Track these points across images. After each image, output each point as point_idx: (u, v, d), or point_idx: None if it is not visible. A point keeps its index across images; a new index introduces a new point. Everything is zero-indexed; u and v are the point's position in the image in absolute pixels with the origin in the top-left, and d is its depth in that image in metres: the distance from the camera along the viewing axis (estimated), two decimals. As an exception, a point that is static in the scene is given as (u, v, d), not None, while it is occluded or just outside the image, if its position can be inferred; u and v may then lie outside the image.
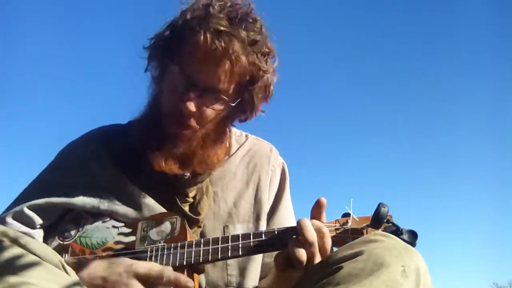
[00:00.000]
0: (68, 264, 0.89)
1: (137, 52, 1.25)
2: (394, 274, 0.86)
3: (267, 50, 1.17)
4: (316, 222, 1.02)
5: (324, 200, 1.06)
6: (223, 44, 1.08)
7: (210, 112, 1.14)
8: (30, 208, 1.13)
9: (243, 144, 1.33)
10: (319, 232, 0.99)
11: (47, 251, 0.85)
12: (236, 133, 1.35)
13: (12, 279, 0.76)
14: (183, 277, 0.99)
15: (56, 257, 0.85)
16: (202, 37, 1.08)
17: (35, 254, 0.82)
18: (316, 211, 1.07)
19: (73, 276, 0.87)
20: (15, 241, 0.82)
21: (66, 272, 0.86)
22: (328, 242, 1.00)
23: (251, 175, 1.28)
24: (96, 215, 1.15)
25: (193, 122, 1.13)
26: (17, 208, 1.14)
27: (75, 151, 1.26)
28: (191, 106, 1.09)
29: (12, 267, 0.77)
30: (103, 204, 1.14)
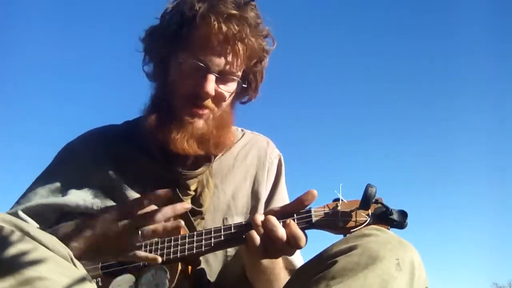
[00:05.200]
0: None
1: (135, 51, 1.26)
2: (389, 268, 0.87)
3: (266, 32, 1.22)
4: (291, 224, 0.99)
5: (315, 193, 1.03)
6: (236, 28, 1.12)
7: (224, 93, 1.18)
8: (24, 211, 1.14)
9: (240, 138, 1.35)
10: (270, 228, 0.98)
11: (57, 243, 0.86)
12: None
13: (27, 273, 0.77)
14: (179, 204, 1.02)
15: (65, 250, 0.86)
16: (215, 22, 1.10)
17: (46, 247, 0.83)
18: (303, 200, 1.03)
19: (81, 269, 0.88)
20: (26, 233, 0.82)
21: (75, 265, 0.87)
22: (282, 232, 0.97)
23: (249, 168, 1.30)
24: (91, 216, 1.14)
25: (210, 103, 1.16)
26: (11, 211, 1.14)
27: (73, 153, 1.26)
28: (211, 90, 1.13)
29: (26, 260, 0.78)
30: (97, 206, 1.15)
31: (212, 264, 1.17)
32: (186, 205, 1.04)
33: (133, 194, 1.16)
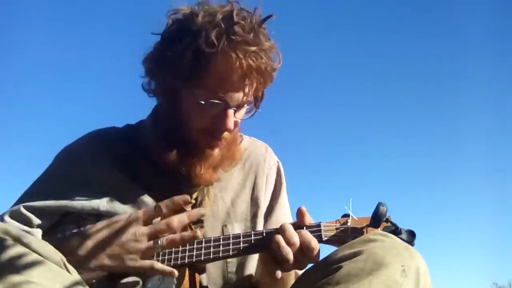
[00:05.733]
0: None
1: (134, 54, 1.24)
2: (394, 274, 0.86)
3: (274, 50, 1.18)
4: (303, 232, 1.03)
5: (304, 208, 1.07)
6: (256, 63, 1.09)
7: (239, 121, 1.17)
8: (27, 209, 1.12)
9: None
10: (307, 241, 1.01)
11: (49, 249, 0.85)
12: None
13: (14, 278, 0.76)
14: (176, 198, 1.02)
15: (58, 255, 0.85)
16: (236, 61, 1.06)
17: (37, 253, 0.82)
18: (300, 219, 1.07)
19: (74, 275, 0.87)
20: (18, 240, 0.81)
21: (68, 271, 0.86)
22: (315, 249, 1.00)
23: (247, 175, 1.29)
24: (97, 216, 1.14)
25: (227, 134, 1.16)
26: (14, 208, 1.13)
27: (74, 154, 1.24)
28: (232, 125, 1.12)
29: (15, 266, 0.77)
30: (103, 206, 1.13)
31: (211, 271, 1.16)
32: (201, 210, 1.05)
33: (137, 196, 1.15)
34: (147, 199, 1.16)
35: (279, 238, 1.01)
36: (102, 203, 1.14)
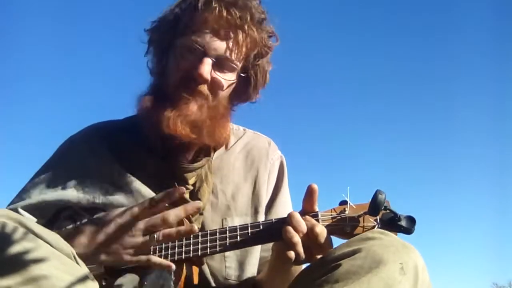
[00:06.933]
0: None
1: (135, 48, 1.28)
2: (392, 272, 0.86)
3: (269, 29, 1.21)
4: (308, 217, 1.02)
5: (315, 186, 1.04)
6: (237, 14, 1.12)
7: (221, 81, 1.16)
8: (24, 208, 1.12)
9: (241, 137, 1.33)
10: (310, 226, 0.99)
11: (60, 241, 0.86)
12: (233, 127, 1.34)
13: (31, 270, 0.77)
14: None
15: (68, 248, 0.86)
16: (216, 5, 1.10)
17: (49, 244, 0.83)
18: (308, 199, 1.04)
19: (84, 268, 0.88)
20: (30, 231, 0.82)
21: (77, 263, 0.87)
22: (320, 235, 0.98)
23: (250, 169, 1.28)
24: (92, 211, 1.13)
25: (204, 88, 1.15)
26: (11, 207, 1.13)
27: (73, 147, 1.25)
28: (206, 72, 1.12)
29: (30, 257, 0.78)
30: (98, 198, 1.13)
31: (211, 265, 1.15)
32: (197, 204, 1.03)
33: (133, 186, 1.15)
34: (145, 189, 1.15)
35: (288, 226, 0.99)
36: (98, 196, 1.14)
